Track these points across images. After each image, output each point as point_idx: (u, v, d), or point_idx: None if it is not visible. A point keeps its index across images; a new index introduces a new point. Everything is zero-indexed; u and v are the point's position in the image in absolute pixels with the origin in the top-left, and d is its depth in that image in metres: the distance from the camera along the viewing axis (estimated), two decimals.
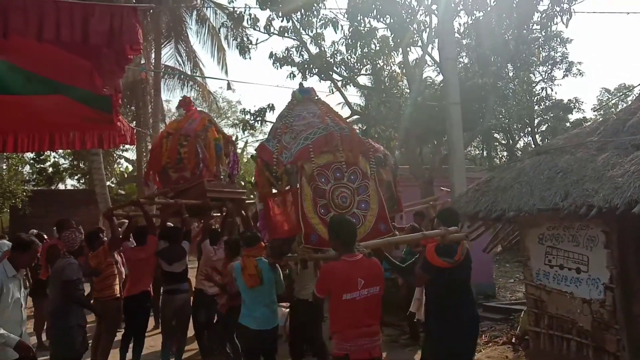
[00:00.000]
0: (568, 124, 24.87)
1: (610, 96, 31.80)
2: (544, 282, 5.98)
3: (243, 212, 7.89)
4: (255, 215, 6.79)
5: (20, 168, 24.59)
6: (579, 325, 5.49)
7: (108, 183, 19.18)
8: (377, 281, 3.76)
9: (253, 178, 11.82)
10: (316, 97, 5.44)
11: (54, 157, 25.42)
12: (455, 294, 4.50)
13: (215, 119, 8.56)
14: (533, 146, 24.46)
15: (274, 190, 4.83)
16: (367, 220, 4.69)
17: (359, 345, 3.63)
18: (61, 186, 27.26)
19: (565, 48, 20.25)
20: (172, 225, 7.54)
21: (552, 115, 25.04)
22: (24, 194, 16.35)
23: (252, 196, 10.67)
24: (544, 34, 10.70)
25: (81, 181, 27.18)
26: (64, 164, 26.09)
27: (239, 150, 26.91)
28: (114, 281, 6.74)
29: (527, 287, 6.35)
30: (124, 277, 7.35)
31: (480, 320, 4.77)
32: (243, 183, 22.81)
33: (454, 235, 4.53)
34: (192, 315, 6.84)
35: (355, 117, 14.83)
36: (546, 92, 20.45)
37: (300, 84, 5.79)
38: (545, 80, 20.57)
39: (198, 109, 8.51)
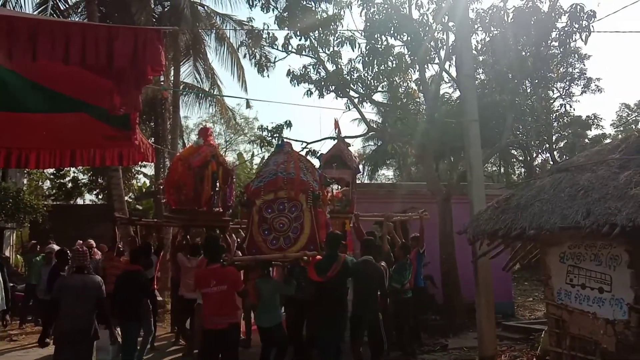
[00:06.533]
0: (587, 140, 24.60)
1: (630, 112, 31.41)
2: (566, 302, 5.86)
3: (227, 236, 8.90)
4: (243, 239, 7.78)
5: (40, 183, 24.98)
6: (603, 347, 5.36)
7: (126, 198, 19.35)
8: (226, 282, 5.61)
9: None
10: (287, 150, 7.33)
11: (74, 173, 25.74)
12: (326, 300, 6.13)
13: (220, 151, 9.46)
14: (551, 162, 24.18)
15: None
16: (299, 242, 6.55)
17: (211, 321, 5.62)
18: (79, 201, 27.59)
19: (584, 64, 20.09)
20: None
21: (570, 131, 24.79)
22: (44, 209, 16.54)
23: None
24: (561, 50, 10.58)
25: (99, 196, 27.47)
26: (82, 179, 26.42)
27: (254, 166, 27.11)
28: None
29: (548, 306, 6.24)
30: None
31: (341, 319, 6.29)
32: None
33: (290, 254, 6.48)
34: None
35: (371, 133, 14.82)
36: (565, 108, 20.26)
37: (282, 140, 7.99)
38: (563, 96, 20.39)
39: (209, 141, 9.16)
